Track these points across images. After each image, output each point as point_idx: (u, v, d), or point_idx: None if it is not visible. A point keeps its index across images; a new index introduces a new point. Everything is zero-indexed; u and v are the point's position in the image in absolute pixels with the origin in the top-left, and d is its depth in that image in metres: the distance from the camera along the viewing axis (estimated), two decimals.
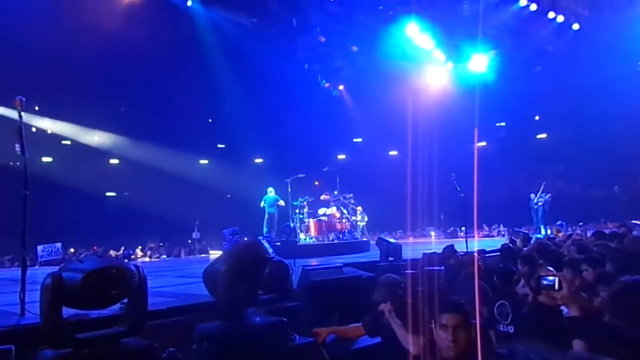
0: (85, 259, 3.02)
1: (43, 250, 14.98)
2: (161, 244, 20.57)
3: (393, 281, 4.57)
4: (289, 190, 14.34)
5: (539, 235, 13.80)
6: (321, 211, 14.96)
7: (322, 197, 15.39)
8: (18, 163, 4.55)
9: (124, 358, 3.00)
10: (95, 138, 21.77)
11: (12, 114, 5.03)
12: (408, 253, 9.30)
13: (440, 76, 20.18)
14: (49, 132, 20.39)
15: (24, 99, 4.21)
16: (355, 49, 18.95)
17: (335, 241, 14.00)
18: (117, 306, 3.35)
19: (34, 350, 2.91)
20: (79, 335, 2.90)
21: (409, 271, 5.80)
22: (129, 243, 19.69)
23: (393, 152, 26.55)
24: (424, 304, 3.81)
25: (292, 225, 13.74)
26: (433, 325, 3.01)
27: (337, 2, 16.50)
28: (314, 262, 8.82)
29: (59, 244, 15.75)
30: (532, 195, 17.74)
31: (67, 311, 2.96)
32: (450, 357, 2.88)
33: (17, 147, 4.12)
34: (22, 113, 4.31)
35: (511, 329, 4.26)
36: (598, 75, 19.63)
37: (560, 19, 18.11)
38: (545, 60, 20.93)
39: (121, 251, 18.20)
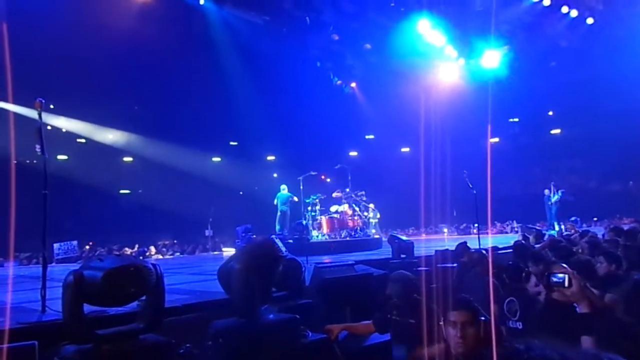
0: (105, 257, 3.11)
1: (59, 249, 15.30)
2: (175, 241, 20.78)
3: (406, 277, 4.63)
4: (301, 187, 14.41)
5: (552, 232, 13.70)
6: (333, 208, 15.01)
7: (334, 195, 15.44)
8: (35, 161, 4.65)
9: (142, 353, 3.08)
10: (110, 136, 22.05)
11: (30, 113, 5.13)
12: (421, 250, 9.32)
13: (452, 72, 20.08)
14: (64, 130, 20.68)
15: (43, 101, 4.31)
16: (368, 46, 18.93)
17: (348, 238, 14.05)
18: (134, 303, 3.43)
19: (56, 346, 3.01)
20: (99, 332, 2.98)
21: (422, 269, 5.84)
22: (143, 240, 19.94)
23: (405, 149, 26.51)
24: (438, 301, 3.86)
25: (304, 222, 13.80)
26: (442, 322, 3.06)
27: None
28: (326, 259, 8.88)
29: (75, 242, 16.06)
30: (547, 191, 17.64)
31: (85, 308, 3.05)
32: (459, 354, 2.93)
33: (38, 147, 4.23)
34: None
35: (520, 325, 4.31)
36: (613, 70, 19.38)
37: (574, 13, 17.90)
38: (559, 55, 20.71)
39: (135, 248, 18.43)
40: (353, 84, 22.44)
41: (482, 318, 2.99)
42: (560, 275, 3.08)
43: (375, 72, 20.00)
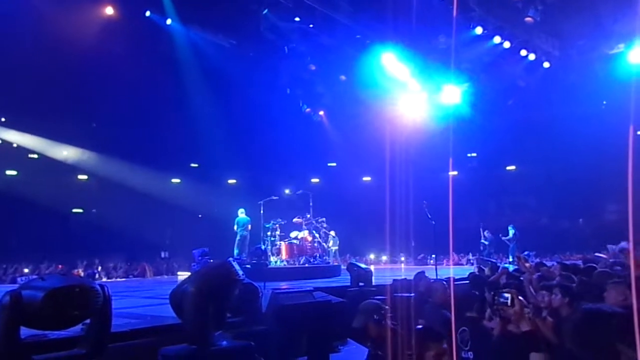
0: (48, 276, 2.90)
1: None
2: (128, 263, 19.98)
3: (373, 307, 4.51)
4: (262, 212, 14.24)
5: (506, 265, 13.98)
6: (293, 234, 14.88)
7: (294, 220, 15.33)
8: None
9: None
10: (64, 152, 21.25)
11: None
12: (378, 279, 9.32)
13: (415, 105, 20.52)
14: (15, 145, 19.81)
15: None
16: (343, 78, 19.27)
17: (306, 265, 13.92)
18: (77, 327, 3.22)
19: None
20: (36, 357, 2.77)
21: (379, 297, 5.78)
22: (94, 261, 19.14)
23: (366, 178, 26.74)
24: (402, 331, 3.83)
25: (263, 247, 13.60)
26: (410, 354, 3.05)
27: (317, 28, 16.68)
28: (284, 285, 8.73)
29: None
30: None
31: (24, 332, 2.82)
32: None
33: None
34: None
35: (471, 355, 4.31)
36: (566, 112, 20.33)
37: (532, 57, 18.76)
38: (517, 95, 21.57)
39: (81, 270, 17.57)
40: (321, 112, 22.62)
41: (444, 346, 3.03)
42: (506, 295, 3.33)
43: (343, 101, 20.28)
